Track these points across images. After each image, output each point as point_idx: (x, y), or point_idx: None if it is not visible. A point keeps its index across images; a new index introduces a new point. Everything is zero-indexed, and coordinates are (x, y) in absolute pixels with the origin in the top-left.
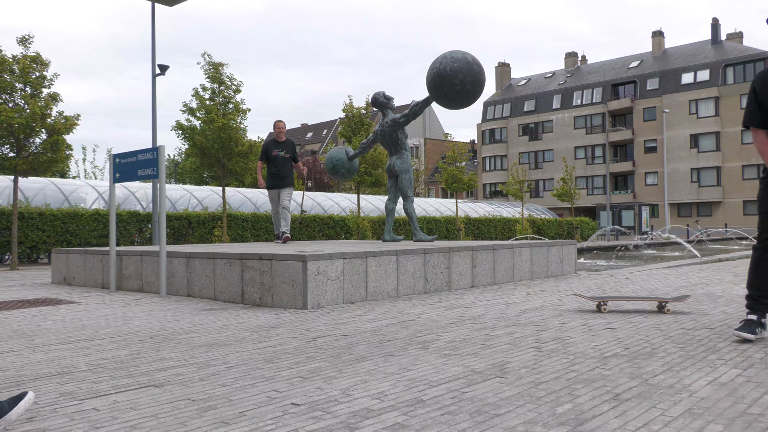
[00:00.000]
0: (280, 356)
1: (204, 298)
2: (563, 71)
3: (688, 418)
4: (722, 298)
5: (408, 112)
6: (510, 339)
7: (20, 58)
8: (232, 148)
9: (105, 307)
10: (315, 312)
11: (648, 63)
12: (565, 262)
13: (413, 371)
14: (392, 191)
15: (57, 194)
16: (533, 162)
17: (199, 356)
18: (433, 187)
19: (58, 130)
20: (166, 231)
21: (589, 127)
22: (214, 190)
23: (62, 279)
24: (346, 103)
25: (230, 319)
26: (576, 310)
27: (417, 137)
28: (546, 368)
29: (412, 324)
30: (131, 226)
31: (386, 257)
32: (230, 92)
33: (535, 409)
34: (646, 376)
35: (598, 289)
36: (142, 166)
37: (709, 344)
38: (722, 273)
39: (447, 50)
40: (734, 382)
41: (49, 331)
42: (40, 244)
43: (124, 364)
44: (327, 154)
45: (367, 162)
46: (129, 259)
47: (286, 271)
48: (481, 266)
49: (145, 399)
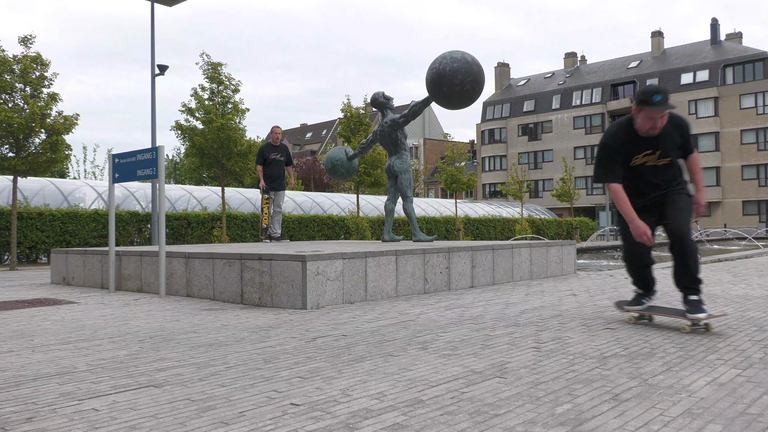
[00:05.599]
0: (280, 356)
1: (203, 299)
2: (563, 71)
3: (687, 418)
4: (721, 298)
5: (407, 113)
6: (509, 339)
7: (21, 58)
8: (231, 148)
9: (104, 308)
10: (314, 312)
11: (647, 63)
12: (565, 263)
13: (413, 371)
14: (392, 191)
15: (56, 194)
16: (533, 162)
17: (199, 356)
18: (432, 188)
19: (58, 130)
20: (166, 231)
21: (588, 127)
22: (214, 190)
23: (61, 279)
24: (345, 103)
25: (230, 319)
26: (576, 309)
27: (416, 137)
28: (545, 368)
29: (411, 324)
30: (130, 226)
31: (386, 257)
32: (229, 92)
33: (534, 410)
34: (645, 376)
35: (598, 289)
36: (141, 166)
37: (709, 344)
38: (721, 273)
39: (446, 50)
40: (733, 382)
41: (49, 332)
42: (39, 244)
43: (123, 364)
44: (326, 155)
45: (367, 162)
46: (128, 259)
47: (286, 271)
48: (480, 266)
49: (145, 399)
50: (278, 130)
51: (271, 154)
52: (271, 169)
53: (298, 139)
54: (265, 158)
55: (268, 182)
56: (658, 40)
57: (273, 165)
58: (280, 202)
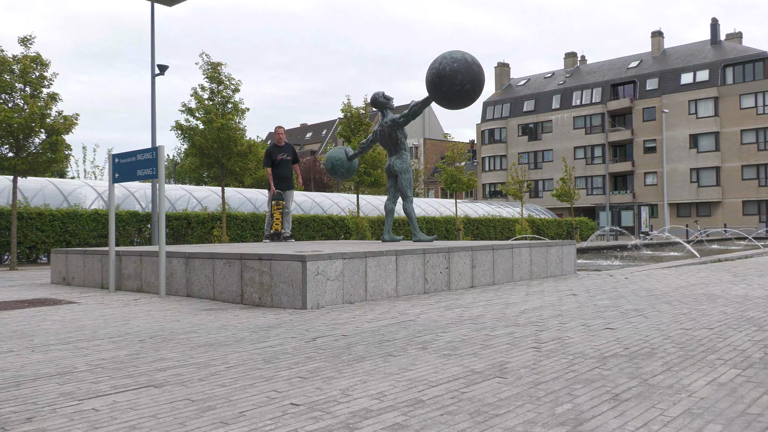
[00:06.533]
0: (280, 356)
1: (203, 299)
2: (563, 71)
3: (687, 418)
4: (721, 298)
5: (407, 113)
6: (509, 339)
7: (20, 58)
8: (231, 148)
9: (104, 307)
10: (314, 312)
11: (647, 63)
12: (565, 263)
13: (413, 371)
14: (392, 191)
15: (56, 194)
16: (533, 162)
17: (199, 356)
18: (432, 187)
19: (57, 130)
20: (166, 231)
21: (588, 127)
22: (214, 190)
23: (61, 279)
24: (345, 103)
25: (229, 319)
26: (575, 309)
27: (416, 137)
28: (545, 368)
29: (411, 324)
30: (130, 226)
31: (385, 257)
32: (229, 92)
33: (534, 410)
34: (645, 376)
35: (598, 289)
36: (141, 166)
37: (709, 344)
38: (721, 273)
39: (446, 50)
40: (733, 382)
41: (49, 332)
42: (39, 244)
43: (123, 364)
44: (326, 154)
45: (367, 162)
46: (128, 259)
47: (286, 271)
48: (480, 266)
49: (145, 399)
50: (281, 130)
51: (279, 155)
52: (280, 169)
53: (298, 139)
54: (273, 160)
55: (278, 183)
56: (658, 40)
57: (281, 165)
58: (289, 202)
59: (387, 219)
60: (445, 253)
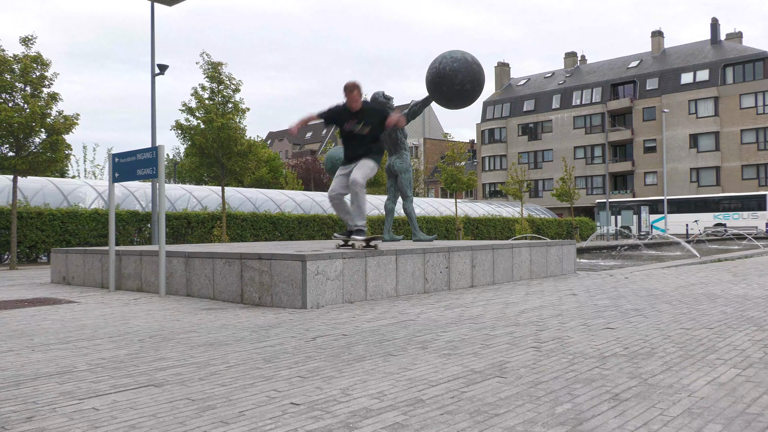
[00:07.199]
0: (280, 356)
1: (203, 298)
2: (563, 71)
3: (687, 417)
4: (721, 297)
5: (407, 112)
6: (509, 339)
7: (21, 58)
8: (232, 147)
9: (104, 307)
10: (314, 312)
11: (647, 63)
12: (565, 262)
13: (412, 371)
14: (392, 191)
15: (56, 194)
16: (533, 162)
17: (199, 356)
18: (432, 187)
19: (58, 129)
20: (166, 230)
21: (588, 126)
22: (214, 190)
23: (61, 278)
24: None
25: (229, 318)
26: (575, 309)
27: (416, 137)
28: (545, 368)
29: (411, 324)
30: (130, 226)
31: (385, 257)
32: (229, 92)
33: (534, 409)
34: (645, 376)
35: (598, 289)
36: (141, 166)
37: (708, 344)
38: (721, 273)
39: (446, 50)
40: (733, 381)
41: (49, 331)
42: (39, 243)
43: (123, 363)
44: (326, 154)
45: None
46: (128, 258)
47: (286, 270)
48: (480, 266)
49: (145, 398)
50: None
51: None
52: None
53: (298, 139)
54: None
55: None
56: (658, 40)
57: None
58: None
59: (387, 218)
60: (445, 253)
